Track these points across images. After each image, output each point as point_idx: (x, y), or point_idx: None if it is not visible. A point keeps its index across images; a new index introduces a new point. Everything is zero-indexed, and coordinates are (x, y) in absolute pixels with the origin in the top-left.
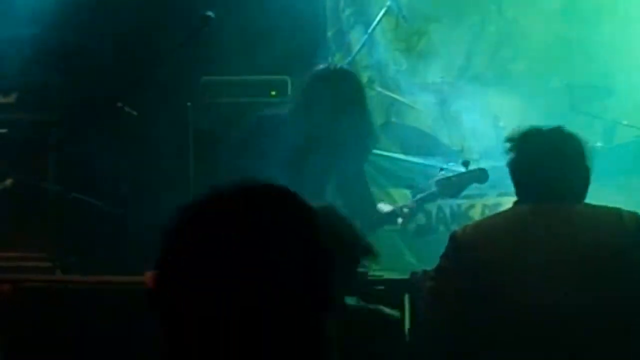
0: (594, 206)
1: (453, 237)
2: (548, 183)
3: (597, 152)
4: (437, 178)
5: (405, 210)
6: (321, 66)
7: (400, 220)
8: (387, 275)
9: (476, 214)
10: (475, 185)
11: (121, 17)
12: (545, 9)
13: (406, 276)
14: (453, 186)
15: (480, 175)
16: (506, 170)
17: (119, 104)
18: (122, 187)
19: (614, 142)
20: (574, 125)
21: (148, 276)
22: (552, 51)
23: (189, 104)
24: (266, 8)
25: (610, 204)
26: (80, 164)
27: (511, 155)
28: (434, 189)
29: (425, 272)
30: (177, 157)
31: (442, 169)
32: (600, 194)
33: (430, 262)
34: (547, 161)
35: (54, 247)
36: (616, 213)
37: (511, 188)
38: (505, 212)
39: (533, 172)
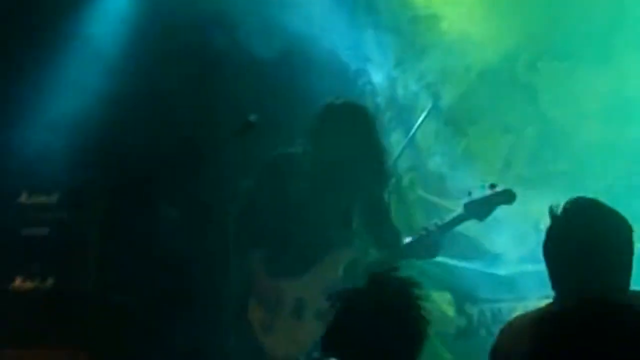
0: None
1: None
2: (581, 275)
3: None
4: (464, 201)
5: (426, 240)
6: (327, 101)
7: (422, 252)
8: None
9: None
10: (516, 288)
11: (161, 115)
12: (584, 108)
13: None
14: (481, 208)
15: (508, 197)
16: (546, 274)
17: (161, 205)
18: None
19: None
20: None
21: None
22: (593, 152)
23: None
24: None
25: None
26: (120, 264)
27: (544, 241)
28: (461, 211)
29: None
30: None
31: (470, 193)
32: None
33: None
34: (581, 245)
35: (93, 349)
36: None
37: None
38: (541, 309)
39: (564, 258)
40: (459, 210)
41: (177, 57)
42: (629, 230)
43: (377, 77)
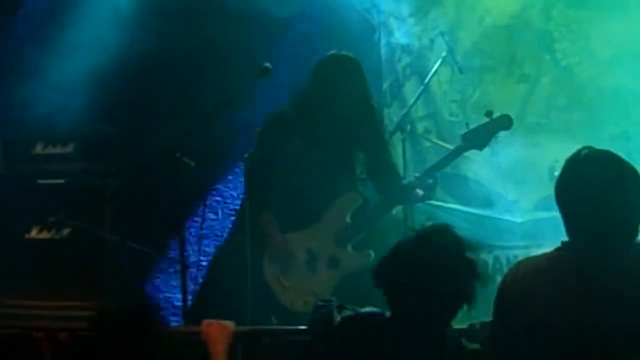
0: None
1: (501, 282)
2: (595, 220)
3: None
4: (463, 132)
5: (423, 179)
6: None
7: (419, 192)
8: None
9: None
10: (531, 234)
11: (179, 66)
12: (599, 57)
13: (463, 326)
14: (479, 137)
15: (505, 122)
16: (561, 221)
17: (178, 154)
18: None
19: None
20: None
21: (205, 325)
22: (607, 100)
23: (245, 155)
24: None
25: None
26: (136, 213)
27: (560, 181)
28: (460, 143)
29: (483, 323)
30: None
31: (467, 124)
32: None
33: (488, 313)
34: (600, 191)
35: (108, 295)
36: None
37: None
38: (549, 255)
39: (579, 204)
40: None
41: (193, 15)
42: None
43: (392, 26)
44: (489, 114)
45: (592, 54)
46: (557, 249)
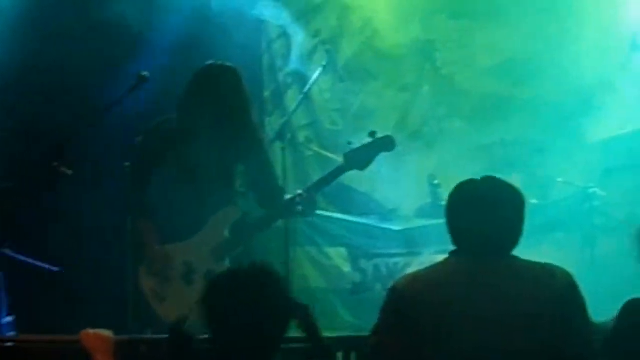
0: (528, 262)
1: (393, 289)
2: (481, 232)
3: (533, 209)
4: (345, 152)
5: (304, 196)
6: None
7: (300, 208)
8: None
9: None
10: (411, 242)
11: (55, 74)
12: (479, 66)
13: (343, 334)
14: (361, 157)
15: (388, 143)
16: (441, 228)
17: (55, 164)
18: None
19: (549, 199)
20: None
21: (83, 334)
22: (487, 108)
23: (126, 164)
24: None
25: (547, 260)
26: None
27: (447, 203)
28: (341, 163)
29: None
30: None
31: (349, 143)
32: (537, 250)
33: (367, 320)
34: (480, 209)
35: None
36: (549, 269)
37: (447, 246)
38: (443, 264)
39: (466, 219)
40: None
41: (59, 28)
42: (520, 201)
43: (273, 34)
44: (372, 134)
45: (472, 63)
46: (448, 259)
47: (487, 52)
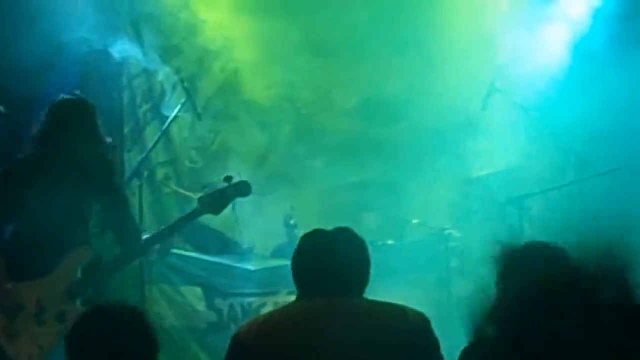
0: (378, 303)
1: (237, 338)
2: (323, 278)
3: (389, 250)
4: (200, 195)
5: (156, 234)
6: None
7: (157, 246)
8: None
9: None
10: (266, 282)
11: None
12: (339, 106)
13: None
14: (216, 202)
15: (243, 189)
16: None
17: None
18: None
19: (405, 239)
20: (367, 223)
21: None
22: (345, 148)
23: None
24: None
25: (404, 300)
26: None
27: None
28: (197, 207)
29: None
30: None
31: (205, 187)
32: (393, 290)
33: None
34: (322, 257)
35: None
36: (401, 310)
37: None
38: (287, 308)
39: (308, 268)
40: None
41: None
42: (361, 241)
43: (134, 70)
44: (227, 179)
45: (332, 103)
46: (294, 302)
47: (346, 92)
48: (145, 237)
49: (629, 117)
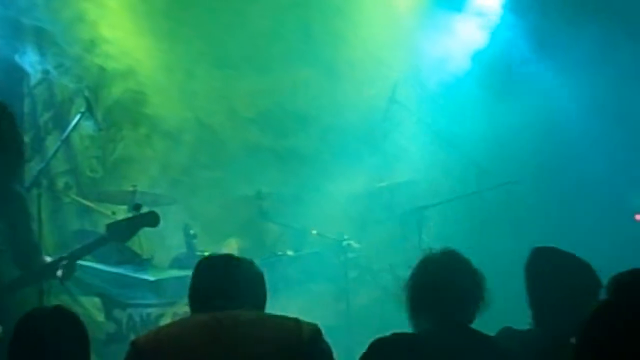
0: (271, 315)
1: (134, 344)
2: (216, 297)
3: (287, 261)
4: (108, 222)
5: (64, 262)
6: None
7: (59, 272)
8: None
9: (166, 322)
10: (164, 293)
11: None
12: (240, 117)
13: None
14: (124, 230)
15: (151, 219)
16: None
17: None
18: None
19: (304, 250)
20: (267, 233)
21: None
22: (246, 159)
23: None
24: None
25: (303, 311)
26: None
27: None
28: (104, 233)
29: None
30: None
31: (114, 213)
32: (293, 301)
33: None
34: (216, 278)
35: None
36: (294, 323)
37: None
38: (185, 319)
39: (200, 290)
40: (101, 232)
41: None
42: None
43: (36, 78)
44: (136, 207)
45: (233, 113)
46: (192, 314)
47: (247, 103)
48: (47, 260)
49: (529, 130)
